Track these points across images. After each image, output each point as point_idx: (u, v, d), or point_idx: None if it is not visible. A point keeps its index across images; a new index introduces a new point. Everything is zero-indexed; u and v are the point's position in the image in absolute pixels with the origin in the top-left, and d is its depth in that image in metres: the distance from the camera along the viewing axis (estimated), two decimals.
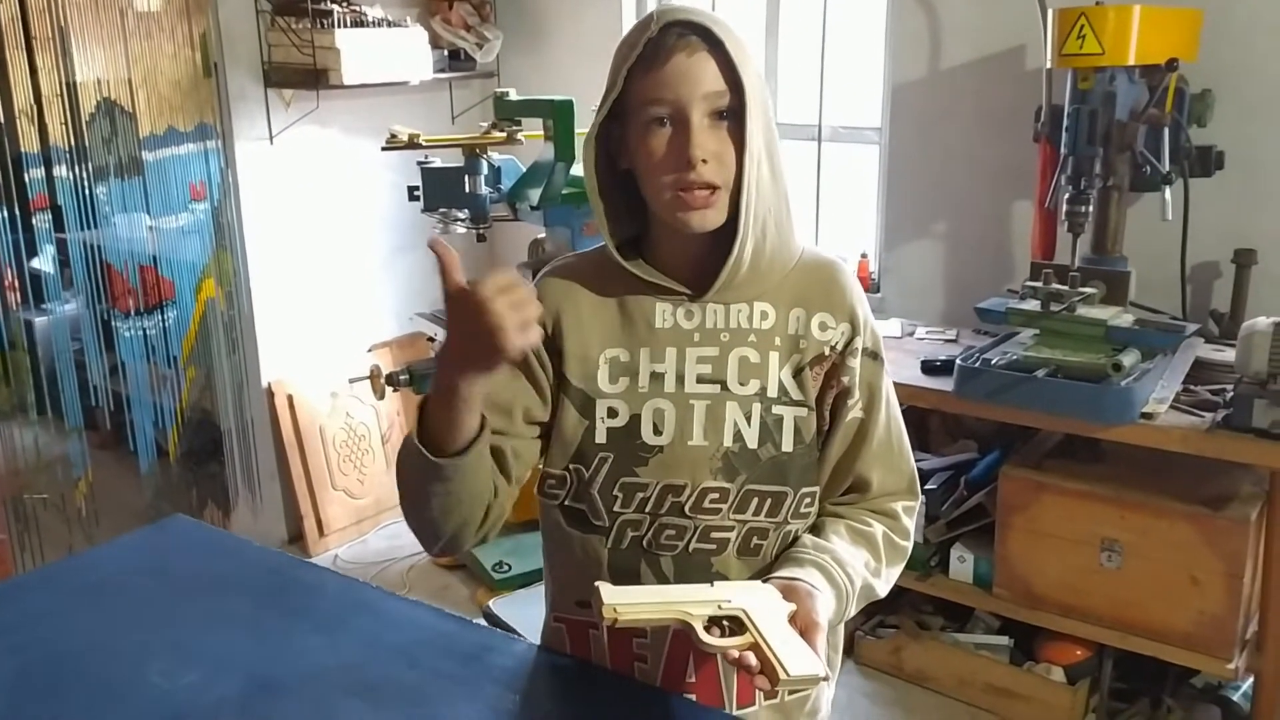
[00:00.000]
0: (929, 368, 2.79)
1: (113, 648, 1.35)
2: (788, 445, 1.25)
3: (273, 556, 1.66)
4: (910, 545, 1.36)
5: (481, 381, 1.11)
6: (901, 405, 1.36)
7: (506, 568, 3.46)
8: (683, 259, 1.26)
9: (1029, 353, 2.55)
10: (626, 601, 1.10)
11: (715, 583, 1.16)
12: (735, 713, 1.29)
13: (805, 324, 1.26)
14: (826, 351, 1.26)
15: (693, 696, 1.28)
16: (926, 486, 2.86)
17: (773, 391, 1.25)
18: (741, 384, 1.25)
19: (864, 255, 3.54)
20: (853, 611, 1.27)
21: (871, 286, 3.51)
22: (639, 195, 1.24)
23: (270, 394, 3.74)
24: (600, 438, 1.25)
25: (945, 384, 2.68)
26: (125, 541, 1.67)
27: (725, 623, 1.11)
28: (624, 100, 1.20)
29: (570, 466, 1.28)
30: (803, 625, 1.11)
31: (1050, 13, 2.55)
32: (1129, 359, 2.42)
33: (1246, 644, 2.56)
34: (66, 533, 3.64)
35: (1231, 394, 2.39)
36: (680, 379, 1.25)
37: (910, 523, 1.36)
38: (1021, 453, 2.81)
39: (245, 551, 1.64)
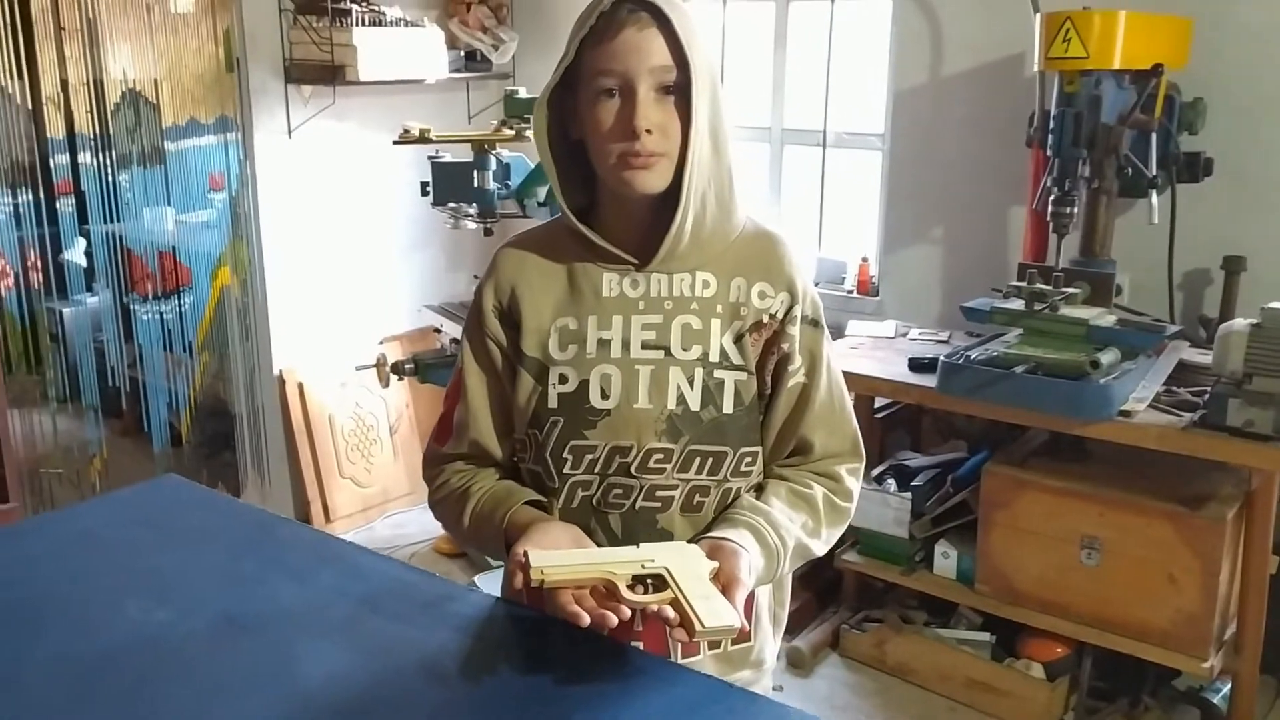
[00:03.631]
0: (916, 365, 2.83)
1: (94, 586, 1.43)
2: (728, 407, 1.31)
3: (256, 513, 1.73)
4: (853, 506, 1.41)
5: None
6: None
7: None
8: (629, 230, 1.32)
9: (1011, 350, 2.60)
10: (554, 564, 1.17)
11: (641, 544, 1.23)
12: (680, 661, 1.34)
13: (745, 292, 1.32)
14: (766, 319, 1.32)
15: (639, 645, 1.34)
16: (913, 483, 2.91)
17: (714, 356, 1.31)
18: (684, 350, 1.30)
19: (864, 259, 3.59)
20: (786, 569, 1.33)
21: (871, 290, 3.56)
22: (589, 166, 1.31)
23: (281, 381, 3.84)
24: (552, 403, 1.32)
25: (931, 380, 2.73)
26: (119, 496, 1.75)
27: (649, 581, 1.17)
28: (576, 70, 1.28)
29: (528, 431, 1.36)
30: (725, 581, 1.18)
31: (1039, 17, 2.60)
32: (1108, 357, 2.47)
33: (1224, 645, 2.59)
34: None
35: (1208, 394, 2.42)
36: (626, 345, 1.31)
37: (854, 484, 1.41)
38: (1006, 451, 2.85)
39: (232, 508, 1.72)
